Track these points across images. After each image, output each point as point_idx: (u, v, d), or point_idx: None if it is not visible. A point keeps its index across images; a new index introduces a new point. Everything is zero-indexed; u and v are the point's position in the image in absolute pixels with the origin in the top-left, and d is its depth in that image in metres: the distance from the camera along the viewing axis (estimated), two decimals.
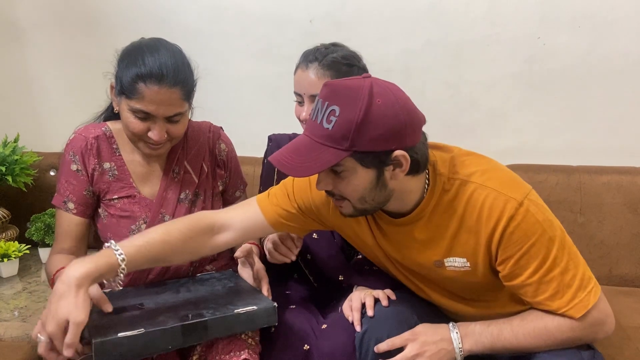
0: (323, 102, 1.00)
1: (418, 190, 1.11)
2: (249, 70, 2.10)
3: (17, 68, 2.19)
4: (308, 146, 1.01)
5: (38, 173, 1.94)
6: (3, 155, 1.80)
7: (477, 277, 1.14)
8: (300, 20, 2.03)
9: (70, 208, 1.32)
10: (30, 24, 2.15)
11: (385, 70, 1.58)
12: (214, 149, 1.43)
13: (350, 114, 0.96)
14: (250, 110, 2.13)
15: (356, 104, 0.96)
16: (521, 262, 1.06)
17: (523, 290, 1.08)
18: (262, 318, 1.16)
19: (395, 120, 0.98)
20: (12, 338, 1.45)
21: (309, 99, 1.40)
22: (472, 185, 1.08)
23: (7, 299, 1.65)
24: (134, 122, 1.23)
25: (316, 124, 1.01)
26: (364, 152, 0.99)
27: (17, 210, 1.95)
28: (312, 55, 1.40)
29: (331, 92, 1.00)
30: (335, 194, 1.08)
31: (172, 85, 1.19)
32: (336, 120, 0.97)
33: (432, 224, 1.13)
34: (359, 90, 0.97)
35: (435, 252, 1.14)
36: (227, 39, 2.09)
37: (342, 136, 0.97)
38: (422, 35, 1.98)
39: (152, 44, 1.24)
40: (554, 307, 1.06)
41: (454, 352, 1.12)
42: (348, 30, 2.00)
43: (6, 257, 1.75)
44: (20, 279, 1.78)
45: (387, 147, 0.99)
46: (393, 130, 0.98)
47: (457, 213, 1.10)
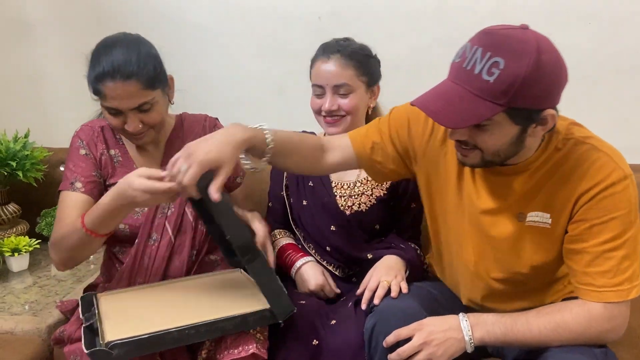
0: (484, 52, 0.95)
1: (535, 147, 1.11)
2: (257, 68, 2.11)
3: (27, 64, 2.21)
4: (461, 96, 0.98)
5: (48, 168, 1.96)
6: (14, 151, 1.82)
7: (548, 240, 1.13)
8: (308, 18, 2.03)
9: (77, 187, 1.32)
10: (40, 21, 2.16)
11: (394, 68, 1.59)
12: None
13: (517, 69, 0.93)
14: (258, 107, 2.13)
15: (524, 59, 0.93)
16: (594, 229, 1.06)
17: (580, 256, 1.08)
18: (270, 318, 1.17)
19: (557, 79, 0.97)
20: (23, 332, 1.47)
21: (332, 89, 1.43)
22: (586, 145, 1.09)
23: (17, 293, 1.67)
24: (110, 118, 1.29)
25: (472, 74, 0.96)
26: (519, 109, 0.97)
27: (28, 205, 1.97)
28: (332, 47, 1.44)
29: (495, 42, 0.95)
30: (469, 144, 1.07)
31: (126, 78, 1.22)
32: (500, 73, 0.93)
33: (533, 178, 1.12)
34: (526, 44, 0.94)
35: (524, 204, 1.14)
36: (234, 37, 2.09)
37: (503, 91, 0.94)
38: (430, 33, 1.98)
39: (109, 42, 1.28)
40: (599, 282, 1.06)
41: (463, 341, 1.10)
42: (356, 27, 1.98)
43: (17, 251, 1.77)
44: (30, 274, 1.80)
45: (542, 105, 0.98)
46: (553, 89, 0.97)
47: (562, 169, 1.09)
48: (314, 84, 1.47)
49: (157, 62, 1.31)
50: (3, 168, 1.79)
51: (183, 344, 1.14)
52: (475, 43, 0.98)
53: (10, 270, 1.80)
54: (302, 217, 1.53)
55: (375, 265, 1.37)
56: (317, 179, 1.52)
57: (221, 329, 1.12)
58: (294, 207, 1.56)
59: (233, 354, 1.16)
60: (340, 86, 1.43)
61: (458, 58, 1.01)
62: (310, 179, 1.53)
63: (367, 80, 1.47)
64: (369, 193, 1.50)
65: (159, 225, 1.36)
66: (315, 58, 1.48)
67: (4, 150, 1.80)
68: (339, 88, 1.43)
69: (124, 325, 1.11)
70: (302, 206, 1.53)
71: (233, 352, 1.16)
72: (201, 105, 1.54)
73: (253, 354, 1.16)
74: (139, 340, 1.05)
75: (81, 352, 1.16)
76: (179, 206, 1.39)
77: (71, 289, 1.69)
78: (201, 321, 1.10)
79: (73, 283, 1.73)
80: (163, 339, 1.07)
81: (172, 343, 1.09)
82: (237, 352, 1.17)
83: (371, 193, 1.50)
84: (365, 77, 1.46)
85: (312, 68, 1.48)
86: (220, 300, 1.22)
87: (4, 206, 1.89)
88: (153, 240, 1.36)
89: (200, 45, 2.10)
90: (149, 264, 1.35)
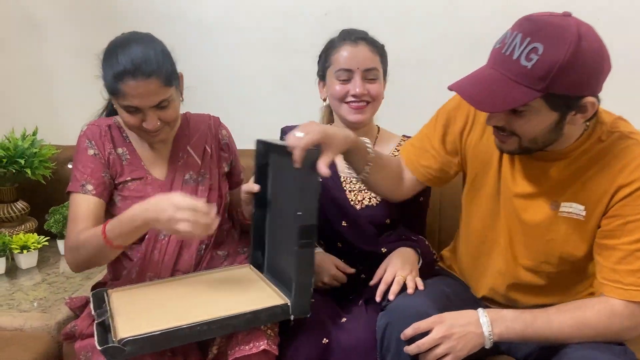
0: (523, 38, 0.96)
1: (576, 136, 1.10)
2: (264, 64, 2.10)
3: (36, 62, 2.22)
4: (500, 82, 0.98)
5: (56, 166, 1.96)
6: (22, 149, 1.82)
7: (581, 233, 1.12)
8: (314, 14, 2.02)
9: (89, 189, 1.33)
10: (48, 18, 2.17)
11: (401, 64, 1.58)
12: (216, 134, 1.50)
13: (555, 55, 0.93)
14: (264, 102, 2.13)
15: (563, 45, 0.93)
16: (629, 226, 1.06)
17: (610, 252, 1.08)
18: (281, 315, 1.17)
19: (598, 66, 0.96)
20: (32, 328, 1.47)
21: (362, 73, 1.43)
22: (631, 140, 1.08)
23: (26, 290, 1.67)
24: (127, 117, 1.29)
25: (510, 59, 0.97)
26: (557, 95, 0.97)
27: (36, 202, 1.97)
28: (355, 33, 1.46)
29: (535, 28, 0.96)
30: (506, 130, 1.07)
31: (147, 76, 1.23)
32: (538, 59, 0.94)
33: (572, 166, 1.12)
34: (566, 30, 0.94)
35: (559, 193, 1.13)
36: (241, 33, 2.09)
37: (541, 77, 0.94)
38: (438, 29, 1.97)
39: (124, 40, 1.28)
40: (627, 281, 1.06)
41: (482, 337, 1.09)
42: (363, 24, 1.97)
43: (25, 248, 1.77)
44: (39, 270, 1.81)
45: (581, 92, 0.98)
46: (593, 76, 0.97)
47: (602, 161, 1.09)
48: (340, 69, 1.43)
49: (171, 59, 1.31)
50: (11, 166, 1.80)
51: (195, 340, 1.14)
52: (515, 29, 0.99)
53: (19, 267, 1.80)
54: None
55: (390, 257, 1.36)
56: None
57: (233, 325, 1.12)
58: None
59: (244, 350, 1.16)
60: (370, 70, 1.43)
61: (498, 44, 1.02)
62: None
63: (384, 69, 1.49)
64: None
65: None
66: (337, 44, 1.46)
67: (12, 148, 1.81)
68: (369, 72, 1.43)
69: (135, 321, 1.11)
70: None
71: (244, 349, 1.16)
72: (207, 102, 1.54)
73: (264, 350, 1.16)
74: (151, 337, 1.06)
75: (92, 348, 1.17)
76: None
77: (80, 285, 1.70)
78: (213, 318, 1.10)
79: (82, 280, 1.74)
80: (175, 335, 1.07)
81: (184, 339, 1.09)
82: (248, 348, 1.16)
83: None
84: (384, 65, 1.49)
85: (336, 53, 1.45)
86: (231, 296, 1.22)
87: (12, 203, 1.90)
88: (163, 235, 1.37)
89: (206, 42, 2.10)
90: (159, 258, 1.36)
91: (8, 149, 1.80)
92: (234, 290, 1.25)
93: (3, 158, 1.78)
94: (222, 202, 1.47)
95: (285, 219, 1.23)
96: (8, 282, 1.72)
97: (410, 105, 1.74)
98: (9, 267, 1.78)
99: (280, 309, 1.15)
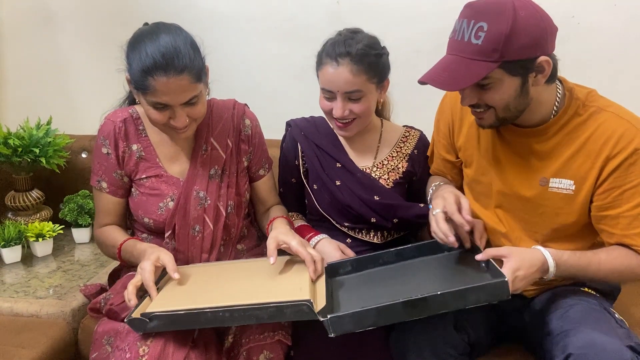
0: (469, 21, 1.08)
1: (549, 103, 1.19)
2: (275, 52, 2.09)
3: (50, 53, 2.23)
4: (458, 63, 1.10)
5: (70, 155, 1.98)
6: (36, 138, 1.83)
7: (572, 206, 1.20)
8: (327, 2, 2.01)
9: (103, 187, 1.36)
10: (63, 9, 2.17)
11: (415, 50, 1.56)
12: (238, 125, 1.44)
13: (499, 27, 1.04)
14: (276, 92, 2.12)
15: (503, 17, 1.05)
16: (626, 194, 1.14)
17: (616, 221, 1.16)
18: (307, 314, 1.13)
19: (539, 29, 1.07)
20: (48, 315, 1.50)
21: (343, 95, 1.38)
22: (607, 114, 1.16)
23: (42, 277, 1.70)
24: (154, 113, 1.23)
25: (463, 42, 1.09)
26: (512, 62, 1.07)
27: (51, 191, 1.99)
28: (339, 48, 1.36)
29: (476, 11, 1.08)
30: (481, 105, 1.16)
31: (179, 72, 1.17)
32: (485, 35, 1.05)
33: (553, 141, 1.20)
34: (503, 5, 1.06)
35: (546, 169, 1.21)
36: (252, 21, 2.08)
37: (493, 49, 1.05)
38: (452, 15, 1.93)
39: (151, 31, 1.21)
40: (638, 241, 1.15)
41: (542, 276, 1.15)
42: (375, 10, 1.97)
43: (41, 236, 1.80)
44: (54, 258, 1.83)
45: (533, 54, 1.08)
46: (538, 38, 1.07)
47: (582, 137, 1.17)
48: (323, 88, 1.41)
49: (200, 52, 1.25)
50: (26, 155, 1.81)
51: (216, 325, 1.13)
52: (461, 17, 1.12)
53: (35, 255, 1.83)
54: (340, 197, 1.49)
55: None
56: (344, 159, 1.51)
57: (256, 316, 1.09)
58: (322, 192, 1.53)
59: (258, 340, 1.17)
60: (351, 92, 1.38)
61: (451, 34, 1.14)
62: (337, 160, 1.51)
63: (377, 80, 1.41)
64: (385, 177, 1.51)
65: (198, 217, 1.36)
66: (322, 60, 1.39)
67: (27, 137, 1.82)
68: (351, 94, 1.38)
69: (170, 299, 1.15)
70: (337, 187, 1.50)
71: (258, 337, 1.17)
72: (220, 91, 1.54)
73: (278, 340, 1.17)
74: (174, 315, 1.09)
75: (116, 333, 1.19)
76: (215, 198, 1.38)
77: (94, 273, 1.72)
78: (237, 304, 1.09)
79: (96, 268, 1.76)
80: (197, 318, 1.09)
81: (206, 323, 1.10)
82: (262, 337, 1.18)
83: (388, 177, 1.51)
84: (376, 77, 1.40)
85: (320, 70, 1.40)
86: (268, 285, 1.19)
87: (27, 192, 1.91)
88: (196, 232, 1.36)
89: (219, 31, 2.09)
90: (195, 254, 1.37)
91: (23, 138, 1.82)
92: (274, 280, 1.22)
93: (18, 147, 1.80)
94: (240, 200, 1.44)
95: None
96: (24, 269, 1.75)
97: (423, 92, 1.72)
98: (25, 255, 1.81)
99: (307, 306, 1.07)
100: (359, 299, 1.17)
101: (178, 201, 1.34)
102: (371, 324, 1.07)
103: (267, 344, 1.18)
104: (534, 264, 1.12)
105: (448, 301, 1.06)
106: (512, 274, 1.09)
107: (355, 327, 1.07)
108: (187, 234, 1.35)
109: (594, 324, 1.11)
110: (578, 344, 1.06)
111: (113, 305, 1.25)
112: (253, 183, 1.51)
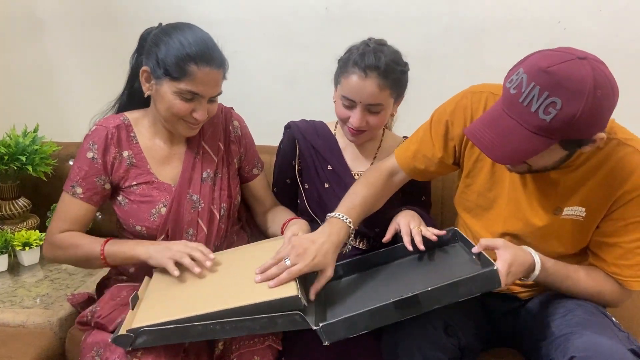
0: (541, 91, 0.98)
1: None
2: (267, 59, 2.10)
3: (37, 59, 2.21)
4: (519, 133, 1.01)
5: (58, 163, 1.95)
6: (23, 145, 1.81)
7: (578, 231, 1.21)
8: (316, 8, 2.01)
9: (77, 193, 1.33)
10: (51, 15, 2.16)
11: (403, 56, 1.57)
12: (227, 127, 1.46)
13: (572, 109, 0.96)
14: (268, 98, 2.12)
15: (581, 98, 0.96)
16: (630, 226, 1.15)
17: (611, 249, 1.18)
18: (300, 324, 1.11)
19: (609, 110, 1.01)
20: (35, 325, 1.47)
21: (364, 107, 1.40)
22: (628, 148, 1.14)
23: (29, 286, 1.67)
24: (179, 103, 1.24)
25: (528, 111, 0.99)
26: (571, 140, 1.02)
27: (38, 199, 1.97)
28: (369, 60, 1.36)
29: (553, 82, 0.97)
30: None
31: (219, 66, 1.24)
32: (556, 114, 0.97)
33: (573, 175, 1.17)
34: (583, 83, 0.96)
35: (564, 200, 1.20)
36: (244, 28, 2.08)
37: (558, 129, 0.98)
38: (441, 22, 1.96)
39: (183, 26, 1.27)
40: (625, 274, 1.18)
41: (525, 276, 1.16)
42: (365, 18, 1.98)
43: (27, 245, 1.77)
44: (41, 267, 1.81)
45: (593, 133, 1.02)
46: (605, 119, 1.02)
47: (603, 169, 1.15)
48: (344, 96, 1.41)
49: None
50: (13, 163, 1.79)
51: (207, 339, 1.12)
52: (532, 79, 0.99)
53: (22, 264, 1.80)
54: (326, 198, 1.52)
55: (396, 216, 1.37)
56: (336, 163, 1.53)
57: (247, 327, 1.07)
58: (312, 192, 1.56)
59: (248, 346, 1.16)
60: (373, 105, 1.39)
61: (513, 90, 1.02)
62: (329, 163, 1.53)
63: (397, 95, 1.44)
64: None
65: (192, 220, 1.36)
66: (349, 69, 1.38)
67: (13, 145, 1.80)
68: (372, 106, 1.40)
69: (156, 308, 1.12)
70: (325, 189, 1.53)
71: (249, 343, 1.16)
72: None
73: (269, 345, 1.16)
74: (162, 330, 1.06)
75: (105, 345, 1.16)
76: (208, 201, 1.38)
77: (82, 282, 1.70)
78: (228, 309, 1.07)
79: (84, 276, 1.73)
80: (187, 332, 1.07)
81: (196, 336, 1.08)
82: (252, 343, 1.17)
83: None
84: (397, 92, 1.43)
85: (345, 78, 1.40)
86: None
87: (14, 200, 1.89)
88: (190, 235, 1.36)
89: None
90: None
91: (9, 146, 1.80)
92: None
93: (4, 155, 1.78)
94: (231, 203, 1.44)
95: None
96: (10, 278, 1.72)
97: (413, 100, 1.73)
98: (11, 264, 1.78)
99: (300, 316, 1.06)
100: (351, 303, 1.17)
101: (171, 206, 1.33)
102: (364, 327, 1.06)
103: (257, 349, 1.17)
104: (524, 263, 1.13)
105: (440, 296, 1.05)
106: (508, 267, 1.08)
107: (349, 332, 1.06)
108: (180, 238, 1.34)
109: (596, 328, 1.11)
110: (581, 346, 1.06)
111: (100, 317, 1.23)
112: (248, 183, 1.52)
